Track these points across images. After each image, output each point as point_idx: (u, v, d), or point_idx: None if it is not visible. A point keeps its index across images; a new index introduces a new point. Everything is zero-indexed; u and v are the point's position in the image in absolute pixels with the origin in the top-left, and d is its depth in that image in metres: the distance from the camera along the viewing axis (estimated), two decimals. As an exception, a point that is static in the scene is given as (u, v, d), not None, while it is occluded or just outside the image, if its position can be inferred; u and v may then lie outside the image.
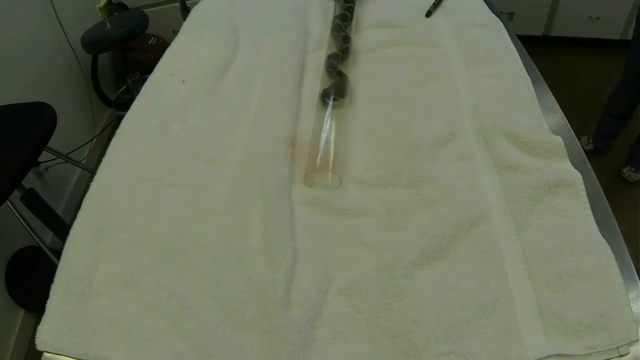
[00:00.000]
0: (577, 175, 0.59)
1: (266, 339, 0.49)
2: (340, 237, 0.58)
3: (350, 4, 0.95)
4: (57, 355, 0.51)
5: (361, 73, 0.83)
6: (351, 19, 0.93)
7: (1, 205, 1.05)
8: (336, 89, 0.76)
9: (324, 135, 0.69)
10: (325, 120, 0.71)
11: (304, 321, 0.50)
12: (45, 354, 0.51)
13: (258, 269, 0.55)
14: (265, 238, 0.57)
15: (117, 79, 2.42)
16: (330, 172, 0.65)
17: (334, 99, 0.74)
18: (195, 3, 1.12)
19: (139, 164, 0.69)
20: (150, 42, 2.33)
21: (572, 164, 0.61)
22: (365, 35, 0.93)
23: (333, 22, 0.92)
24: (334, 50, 0.86)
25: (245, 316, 0.51)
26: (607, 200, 0.59)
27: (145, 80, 0.87)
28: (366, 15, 0.91)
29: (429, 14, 0.95)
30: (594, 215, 0.56)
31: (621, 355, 0.46)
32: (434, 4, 0.96)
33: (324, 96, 0.75)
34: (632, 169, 1.95)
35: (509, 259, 0.54)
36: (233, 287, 0.54)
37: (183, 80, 0.84)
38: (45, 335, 0.52)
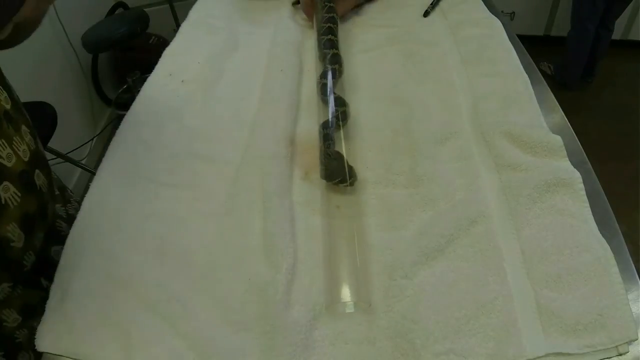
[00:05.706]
0: (577, 175, 0.59)
1: (267, 340, 0.49)
2: (341, 237, 0.58)
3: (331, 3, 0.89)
4: (57, 355, 0.51)
5: (359, 73, 0.83)
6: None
7: (1, 205, 1.05)
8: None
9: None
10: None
11: (304, 322, 0.50)
12: (45, 355, 0.51)
13: (258, 270, 0.55)
14: (265, 238, 0.57)
15: (118, 78, 2.42)
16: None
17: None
18: (194, 3, 1.12)
19: (138, 164, 0.70)
20: (150, 42, 2.33)
21: (572, 164, 0.61)
22: (363, 34, 0.92)
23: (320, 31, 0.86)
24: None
25: (245, 316, 0.51)
26: (607, 200, 0.59)
27: (145, 79, 0.87)
28: (363, 14, 0.91)
29: (426, 13, 0.95)
30: (594, 215, 0.56)
31: (620, 354, 0.46)
32: (431, 3, 0.96)
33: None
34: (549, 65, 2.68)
35: (508, 257, 0.54)
36: (233, 288, 0.54)
37: (182, 81, 0.85)
38: (45, 335, 0.52)
